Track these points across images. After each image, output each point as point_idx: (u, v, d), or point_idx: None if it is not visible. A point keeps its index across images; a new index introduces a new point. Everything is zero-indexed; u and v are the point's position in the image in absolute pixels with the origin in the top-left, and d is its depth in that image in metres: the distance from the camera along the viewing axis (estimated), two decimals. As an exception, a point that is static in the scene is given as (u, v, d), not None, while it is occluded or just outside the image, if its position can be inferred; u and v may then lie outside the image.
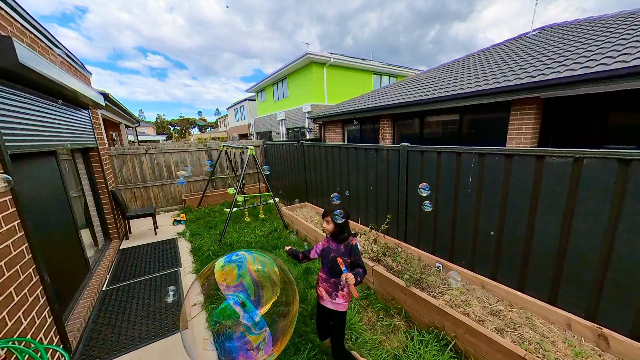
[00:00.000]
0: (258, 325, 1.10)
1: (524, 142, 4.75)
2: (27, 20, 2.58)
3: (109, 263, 4.02)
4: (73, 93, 3.09)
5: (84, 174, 4.37)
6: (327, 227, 2.03)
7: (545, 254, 2.33)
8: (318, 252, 2.10)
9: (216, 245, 4.54)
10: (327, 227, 2.03)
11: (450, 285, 2.39)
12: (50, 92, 2.89)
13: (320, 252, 2.09)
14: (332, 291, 1.98)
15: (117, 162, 6.38)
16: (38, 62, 2.21)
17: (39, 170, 2.70)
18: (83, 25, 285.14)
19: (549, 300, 2.31)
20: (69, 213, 3.26)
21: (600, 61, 3.85)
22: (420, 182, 3.35)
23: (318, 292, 2.08)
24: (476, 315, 2.37)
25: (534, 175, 2.34)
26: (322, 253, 2.07)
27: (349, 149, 4.54)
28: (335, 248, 1.99)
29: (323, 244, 2.10)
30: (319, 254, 2.10)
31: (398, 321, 2.66)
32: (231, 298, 1.14)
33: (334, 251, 1.97)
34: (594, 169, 2.02)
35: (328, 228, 2.02)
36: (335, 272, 1.95)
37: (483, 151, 2.66)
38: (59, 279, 2.64)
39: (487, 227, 2.75)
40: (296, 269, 3.68)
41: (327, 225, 2.03)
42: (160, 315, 2.95)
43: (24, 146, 2.28)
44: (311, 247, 2.24)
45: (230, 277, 1.15)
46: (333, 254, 1.95)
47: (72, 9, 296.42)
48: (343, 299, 1.98)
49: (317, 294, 2.11)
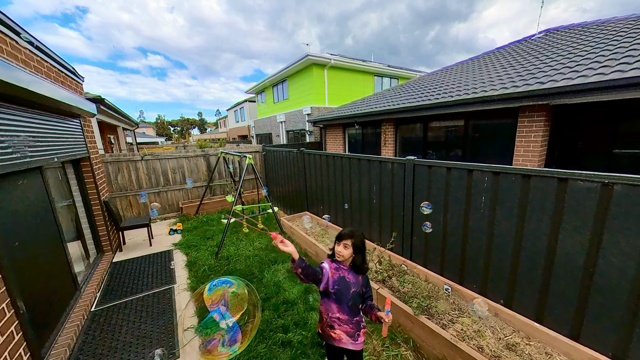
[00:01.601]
0: (232, 328, 1.43)
1: (533, 151, 4.57)
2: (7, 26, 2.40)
3: (100, 279, 3.84)
4: (56, 104, 2.91)
5: (75, 184, 4.19)
6: (344, 252, 1.64)
7: (568, 283, 2.14)
8: (331, 284, 1.63)
9: (212, 260, 4.36)
10: (343, 253, 1.65)
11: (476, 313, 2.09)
12: (31, 105, 2.70)
13: (335, 284, 1.63)
14: (355, 332, 1.68)
15: (112, 169, 6.20)
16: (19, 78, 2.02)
17: (22, 189, 2.51)
18: (84, 25, 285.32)
19: (572, 335, 2.12)
20: (55, 231, 3.07)
21: (615, 67, 3.66)
22: (428, 198, 3.17)
23: (332, 335, 1.68)
24: (491, 349, 2.18)
25: (555, 198, 2.15)
26: (337, 287, 1.63)
27: (352, 159, 4.35)
28: (354, 281, 1.66)
29: (336, 274, 1.66)
30: (331, 288, 1.63)
31: (405, 351, 2.47)
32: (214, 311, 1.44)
33: (353, 285, 1.65)
34: (623, 195, 1.83)
35: (344, 254, 1.64)
36: (357, 310, 1.69)
37: (497, 170, 2.47)
38: (40, 306, 2.46)
39: (502, 249, 2.56)
40: (295, 288, 3.49)
41: (345, 250, 1.64)
42: (151, 341, 2.76)
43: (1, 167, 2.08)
44: (314, 263, 1.96)
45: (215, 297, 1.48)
46: (355, 290, 1.65)
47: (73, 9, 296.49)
48: (364, 336, 1.76)
49: (328, 337, 1.71)
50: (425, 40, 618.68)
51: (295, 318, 2.92)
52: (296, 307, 3.11)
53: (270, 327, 2.83)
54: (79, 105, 3.55)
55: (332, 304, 1.67)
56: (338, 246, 1.69)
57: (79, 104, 3.53)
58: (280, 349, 2.55)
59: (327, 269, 1.66)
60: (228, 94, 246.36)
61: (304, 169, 5.80)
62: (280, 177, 7.22)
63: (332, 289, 1.63)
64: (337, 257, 1.70)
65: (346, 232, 1.68)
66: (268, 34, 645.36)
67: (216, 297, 1.45)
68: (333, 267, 1.69)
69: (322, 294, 1.71)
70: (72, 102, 3.21)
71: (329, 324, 1.70)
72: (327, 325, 1.71)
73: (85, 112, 3.89)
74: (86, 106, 3.87)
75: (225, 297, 1.47)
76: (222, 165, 7.62)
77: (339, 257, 1.68)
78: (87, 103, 3.97)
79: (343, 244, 1.66)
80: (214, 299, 1.44)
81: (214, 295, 1.46)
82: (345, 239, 1.66)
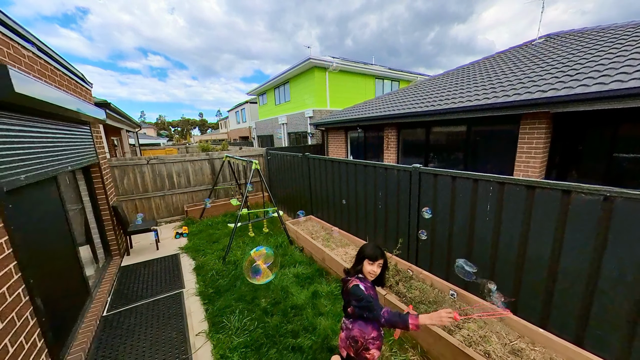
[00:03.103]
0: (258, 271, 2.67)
1: (535, 157, 4.65)
2: (24, 36, 2.46)
3: (110, 283, 3.90)
4: (75, 114, 2.98)
5: (85, 190, 4.26)
6: (378, 271, 1.70)
7: (571, 291, 2.22)
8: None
9: (220, 264, 4.42)
10: (377, 272, 1.70)
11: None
12: (49, 115, 2.77)
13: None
14: (382, 344, 1.74)
15: (118, 172, 6.27)
16: (35, 89, 2.09)
17: (38, 198, 2.58)
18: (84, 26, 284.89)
19: (575, 341, 2.20)
20: (68, 237, 3.14)
21: (615, 77, 3.74)
22: (433, 205, 3.25)
23: (367, 356, 1.65)
24: (497, 354, 2.26)
25: (559, 208, 2.23)
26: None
27: (357, 165, 4.42)
28: (376, 297, 1.68)
29: (371, 293, 1.65)
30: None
31: (413, 356, 2.54)
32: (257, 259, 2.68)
33: (377, 301, 1.66)
34: (623, 209, 1.91)
35: (377, 272, 1.71)
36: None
37: (502, 180, 2.55)
38: (57, 313, 2.52)
39: (506, 257, 2.64)
40: (303, 292, 3.56)
41: (379, 269, 1.69)
42: (164, 347, 2.83)
43: (20, 180, 2.12)
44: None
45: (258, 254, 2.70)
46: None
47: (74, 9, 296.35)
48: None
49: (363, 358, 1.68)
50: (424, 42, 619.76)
51: (305, 323, 2.99)
52: (305, 312, 3.18)
53: (280, 332, 2.90)
54: (91, 114, 3.62)
55: (369, 326, 1.66)
56: (372, 266, 1.70)
57: (91, 112, 3.60)
58: (291, 354, 2.62)
59: (373, 296, 1.63)
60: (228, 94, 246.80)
61: (309, 173, 5.87)
62: (283, 181, 7.29)
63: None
64: (369, 276, 1.72)
65: (379, 252, 1.71)
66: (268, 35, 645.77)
67: (259, 254, 2.68)
68: (364, 285, 1.66)
69: (358, 317, 1.66)
70: (88, 111, 3.28)
71: (365, 347, 1.66)
72: (363, 349, 1.66)
73: (96, 119, 3.96)
74: (97, 113, 3.94)
75: (262, 254, 2.69)
76: (227, 169, 7.69)
77: (372, 276, 1.71)
78: (98, 110, 4.04)
79: (377, 264, 1.70)
80: (258, 255, 2.68)
81: (257, 253, 2.69)
82: (380, 259, 1.70)
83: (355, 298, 1.61)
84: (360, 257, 1.78)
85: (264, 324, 3.04)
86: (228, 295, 3.60)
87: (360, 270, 1.75)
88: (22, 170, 2.17)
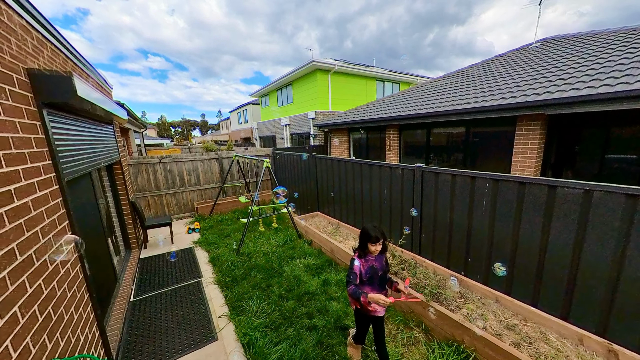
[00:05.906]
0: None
1: (530, 156, 4.93)
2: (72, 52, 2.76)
3: (133, 273, 4.17)
4: (107, 114, 3.25)
5: (108, 185, 4.53)
6: (378, 248, 2.13)
7: (558, 272, 2.50)
8: (363, 274, 2.13)
9: (234, 255, 4.70)
10: (377, 249, 2.13)
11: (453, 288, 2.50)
12: (91, 117, 3.06)
13: (366, 274, 2.13)
14: None
15: (132, 170, 6.55)
16: (90, 94, 2.38)
17: (81, 190, 2.86)
18: (85, 27, 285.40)
19: (562, 316, 2.48)
20: (100, 227, 3.42)
21: (604, 81, 4.03)
22: (435, 201, 3.54)
23: (369, 308, 2.14)
24: (493, 329, 2.53)
25: (546, 201, 2.51)
26: (368, 274, 2.14)
27: (362, 165, 4.71)
28: (379, 266, 2.16)
29: (365, 265, 2.15)
30: (364, 277, 2.14)
31: (417, 333, 2.81)
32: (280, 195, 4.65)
33: (380, 269, 2.15)
34: (602, 199, 2.20)
35: (378, 249, 2.14)
36: (384, 285, 2.21)
37: (497, 177, 2.84)
38: (98, 292, 2.79)
39: (501, 245, 2.92)
40: (314, 280, 3.84)
41: (380, 246, 2.14)
42: (190, 327, 3.10)
43: (74, 171, 2.42)
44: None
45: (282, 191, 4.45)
46: (380, 272, 2.16)
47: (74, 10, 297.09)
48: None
49: (366, 310, 2.17)
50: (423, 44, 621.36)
51: (318, 306, 3.27)
52: (317, 297, 3.45)
53: (296, 314, 3.17)
54: (118, 113, 3.89)
55: (366, 287, 2.15)
56: (374, 246, 2.11)
57: (118, 112, 3.87)
58: (307, 332, 2.89)
59: (358, 267, 2.14)
60: (228, 95, 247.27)
61: (316, 172, 6.15)
62: (290, 179, 7.58)
63: (365, 277, 2.15)
64: (372, 254, 2.15)
65: (378, 234, 2.10)
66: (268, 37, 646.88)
67: (283, 191, 4.33)
68: (362, 261, 2.18)
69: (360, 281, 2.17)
70: (116, 111, 3.57)
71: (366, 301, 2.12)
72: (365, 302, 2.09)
73: (120, 118, 4.24)
74: (121, 113, 4.21)
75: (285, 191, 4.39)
76: (235, 167, 7.97)
77: (374, 252, 2.14)
78: (122, 110, 4.32)
79: (378, 244, 2.11)
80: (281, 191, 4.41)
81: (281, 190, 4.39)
82: (378, 241, 2.10)
83: (349, 268, 2.18)
84: (364, 241, 2.17)
85: (280, 307, 3.32)
86: (244, 284, 3.87)
87: (368, 251, 2.16)
88: (76, 164, 2.46)
